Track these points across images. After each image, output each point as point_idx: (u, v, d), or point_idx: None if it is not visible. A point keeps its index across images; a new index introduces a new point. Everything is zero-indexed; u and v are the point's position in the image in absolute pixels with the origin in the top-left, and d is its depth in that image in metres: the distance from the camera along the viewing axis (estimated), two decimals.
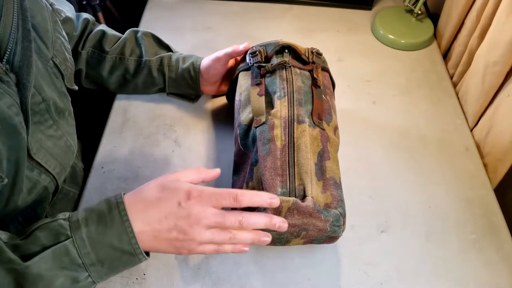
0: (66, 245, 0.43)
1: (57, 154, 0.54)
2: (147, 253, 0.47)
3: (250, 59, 0.65)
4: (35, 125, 0.49)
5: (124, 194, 0.47)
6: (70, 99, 0.59)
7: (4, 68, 0.44)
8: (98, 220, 0.44)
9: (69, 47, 0.62)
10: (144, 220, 0.45)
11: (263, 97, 0.59)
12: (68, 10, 0.67)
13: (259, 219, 0.47)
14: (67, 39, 0.61)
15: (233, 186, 0.59)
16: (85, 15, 0.73)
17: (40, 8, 0.54)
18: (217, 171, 0.51)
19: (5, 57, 0.45)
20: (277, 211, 0.49)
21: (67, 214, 0.45)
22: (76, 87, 0.62)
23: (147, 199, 0.46)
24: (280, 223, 0.48)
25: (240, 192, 0.46)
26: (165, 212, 0.45)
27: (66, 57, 0.59)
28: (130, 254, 0.45)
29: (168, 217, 0.45)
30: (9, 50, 0.45)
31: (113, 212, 0.45)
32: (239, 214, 0.47)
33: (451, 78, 0.85)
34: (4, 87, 0.44)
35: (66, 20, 0.66)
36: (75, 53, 0.70)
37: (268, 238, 0.49)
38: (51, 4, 0.58)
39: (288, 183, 0.51)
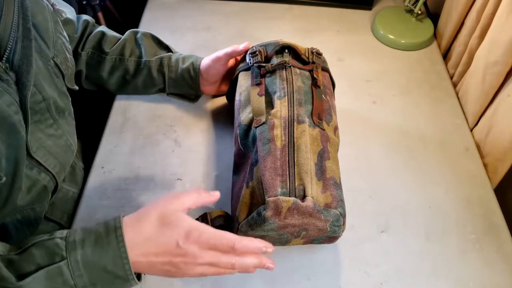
0: (61, 266, 0.43)
1: (57, 153, 0.54)
2: (139, 277, 0.47)
3: (250, 59, 0.65)
4: (35, 124, 0.50)
5: (123, 216, 0.47)
6: (70, 98, 0.59)
7: (3, 66, 0.45)
8: (95, 243, 0.44)
9: (70, 48, 0.62)
10: (141, 252, 0.46)
11: (263, 97, 0.59)
12: (69, 12, 0.68)
13: (251, 261, 0.48)
14: (68, 39, 0.61)
15: (233, 186, 0.59)
16: (85, 16, 0.73)
17: (41, 8, 0.54)
18: (216, 196, 0.51)
19: (5, 56, 0.45)
20: (277, 211, 0.49)
21: (64, 233, 0.45)
22: (77, 87, 0.62)
23: (146, 232, 0.46)
24: (269, 264, 0.49)
25: (238, 241, 0.47)
26: (162, 249, 0.46)
27: (67, 57, 0.59)
28: (123, 279, 0.45)
29: (165, 254, 0.46)
30: (9, 48, 0.45)
31: (111, 236, 0.45)
32: (232, 257, 0.47)
33: (451, 78, 0.85)
34: (3, 86, 0.44)
35: (67, 22, 0.67)
36: (75, 55, 0.70)
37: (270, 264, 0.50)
38: (52, 5, 0.58)
39: (288, 183, 0.51)
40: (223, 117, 0.75)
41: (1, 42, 0.45)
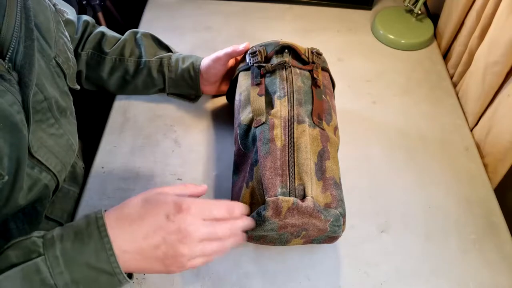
0: (37, 263, 0.39)
1: (58, 153, 0.54)
2: (130, 276, 0.44)
3: (250, 59, 0.65)
4: (36, 124, 0.50)
5: (105, 210, 0.44)
6: (72, 98, 0.59)
7: (6, 66, 0.45)
8: (74, 236, 0.41)
9: (71, 47, 0.62)
10: (127, 238, 0.42)
11: (263, 97, 0.59)
12: (70, 13, 0.68)
13: (245, 223, 0.48)
14: (69, 39, 0.61)
15: (233, 186, 0.59)
16: (85, 17, 0.73)
17: (43, 8, 0.54)
18: (204, 188, 0.49)
19: (8, 56, 0.45)
20: (277, 211, 0.49)
21: (42, 232, 0.43)
22: (78, 87, 0.62)
23: (130, 215, 0.43)
24: (252, 223, 0.50)
25: (235, 207, 0.47)
26: (152, 226, 0.42)
27: (69, 57, 0.59)
28: (109, 274, 0.41)
29: (156, 232, 0.42)
30: (11, 48, 0.46)
31: (91, 227, 0.42)
32: (227, 222, 0.46)
33: (451, 78, 0.85)
34: (6, 85, 0.44)
35: (68, 23, 0.67)
36: (75, 55, 0.71)
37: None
38: (54, 5, 0.58)
39: (288, 183, 0.51)
40: (223, 117, 0.75)
41: (4, 42, 0.45)
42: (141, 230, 0.42)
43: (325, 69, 0.66)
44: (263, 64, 0.62)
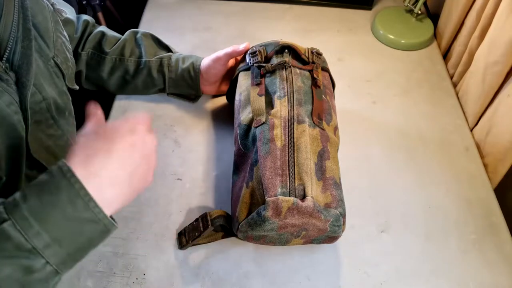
0: (4, 229, 0.34)
1: (58, 153, 0.54)
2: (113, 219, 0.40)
3: (250, 59, 0.65)
4: (35, 124, 0.50)
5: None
6: (70, 98, 0.59)
7: (3, 66, 0.45)
8: (39, 192, 0.36)
9: (70, 47, 0.62)
10: (99, 167, 0.38)
11: (263, 97, 0.59)
12: (69, 12, 0.68)
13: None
14: (68, 39, 0.61)
15: (233, 186, 0.59)
16: (85, 16, 0.73)
17: (41, 7, 0.54)
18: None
19: (5, 56, 0.45)
20: (277, 211, 0.49)
21: (0, 200, 0.37)
22: (77, 87, 0.62)
23: (90, 147, 0.39)
24: None
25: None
26: (122, 146, 0.41)
27: (67, 57, 0.59)
28: (92, 222, 0.37)
29: (130, 149, 0.41)
30: (9, 48, 0.45)
31: (57, 177, 0.36)
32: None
33: (451, 78, 0.85)
34: (3, 86, 0.44)
35: (67, 22, 0.67)
36: (75, 55, 0.71)
37: None
38: (52, 4, 0.58)
39: (288, 183, 0.51)
40: (223, 117, 0.75)
41: (1, 42, 0.45)
42: (114, 152, 0.40)
43: (325, 69, 0.66)
44: (263, 64, 0.62)
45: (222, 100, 0.78)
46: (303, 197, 0.50)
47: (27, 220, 0.35)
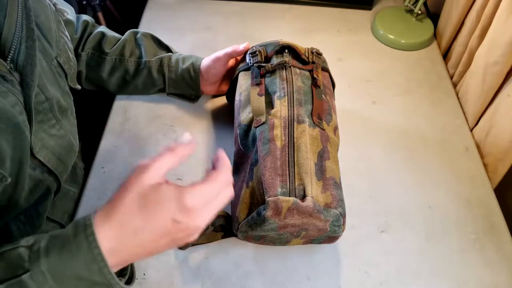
0: (23, 280, 0.36)
1: (60, 153, 0.54)
2: (130, 280, 0.42)
3: (250, 59, 0.65)
4: (38, 124, 0.50)
5: (96, 212, 0.39)
6: (72, 98, 0.59)
7: (8, 67, 0.45)
8: (61, 248, 0.37)
9: (72, 47, 0.62)
10: (133, 245, 0.38)
11: (263, 97, 0.59)
12: (69, 13, 0.68)
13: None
14: (69, 39, 0.61)
15: (233, 186, 0.58)
16: (84, 17, 0.73)
17: (44, 7, 0.54)
18: (189, 141, 0.43)
19: (10, 56, 0.45)
20: (277, 211, 0.49)
21: (30, 240, 0.38)
22: (79, 87, 0.62)
23: (129, 223, 0.38)
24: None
25: (230, 173, 0.42)
26: (158, 233, 0.39)
27: (70, 57, 0.59)
28: (103, 285, 0.38)
29: (164, 237, 0.39)
30: (13, 49, 0.45)
31: (80, 236, 0.37)
32: (227, 191, 0.43)
33: (451, 78, 0.85)
34: (8, 86, 0.44)
35: (68, 23, 0.67)
36: (75, 55, 0.70)
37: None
38: (54, 4, 0.58)
39: (288, 183, 0.51)
40: (223, 117, 0.75)
41: (6, 43, 0.45)
42: (146, 236, 0.38)
43: (325, 69, 0.66)
44: (263, 64, 0.62)
45: (222, 100, 0.78)
46: (303, 197, 0.50)
47: (44, 275, 0.36)
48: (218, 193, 0.41)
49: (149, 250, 0.40)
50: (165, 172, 0.41)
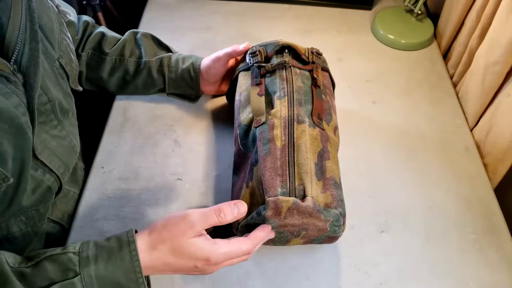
0: (74, 282, 0.43)
1: (61, 154, 0.54)
2: (149, 285, 0.49)
3: (250, 59, 0.65)
4: (40, 125, 0.50)
5: (135, 231, 0.48)
6: (74, 99, 0.59)
7: (11, 68, 0.45)
8: (108, 258, 0.45)
9: (74, 49, 0.62)
10: (159, 270, 0.48)
11: (263, 97, 0.59)
12: (71, 14, 0.68)
13: (259, 246, 0.51)
14: (71, 40, 0.61)
15: (233, 186, 0.59)
16: (85, 17, 0.73)
17: (47, 9, 0.54)
18: (241, 211, 0.50)
19: (13, 58, 0.45)
20: (277, 211, 0.49)
21: (77, 247, 0.46)
22: (81, 88, 0.63)
23: (162, 259, 0.47)
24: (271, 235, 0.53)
25: (252, 247, 0.49)
26: (181, 270, 0.48)
27: (72, 58, 0.59)
28: None
29: (182, 271, 0.49)
30: (17, 50, 0.46)
31: (124, 250, 0.45)
32: (246, 256, 0.51)
33: (451, 78, 0.85)
34: (11, 87, 0.44)
35: (70, 24, 0.67)
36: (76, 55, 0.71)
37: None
38: (57, 6, 0.58)
39: (288, 183, 0.51)
40: (223, 117, 0.75)
41: (9, 44, 0.45)
42: (171, 268, 0.48)
43: (325, 69, 0.66)
44: (263, 64, 0.62)
45: (222, 100, 0.78)
46: (303, 197, 0.50)
47: (91, 279, 0.44)
48: (237, 257, 0.49)
49: (168, 273, 0.49)
50: (202, 230, 0.48)
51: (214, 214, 0.48)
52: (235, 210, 0.49)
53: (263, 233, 0.50)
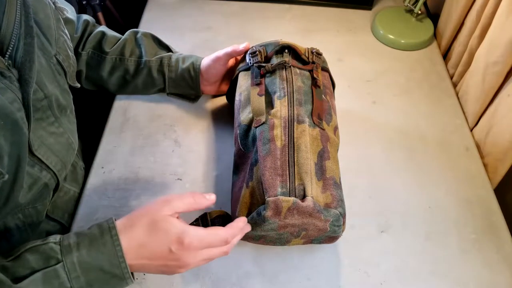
0: (57, 269, 0.43)
1: (58, 151, 0.54)
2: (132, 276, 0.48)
3: (250, 59, 0.65)
4: (37, 122, 0.50)
5: (115, 219, 0.47)
6: (72, 96, 0.59)
7: (6, 63, 0.45)
8: (89, 244, 0.45)
9: (71, 45, 0.62)
10: (134, 256, 0.46)
11: (263, 97, 0.59)
12: (69, 12, 0.68)
13: (238, 238, 0.51)
14: (69, 37, 0.61)
15: (233, 186, 0.59)
16: (85, 16, 0.73)
17: (43, 5, 0.54)
18: (212, 200, 0.50)
19: (8, 53, 0.45)
20: (277, 211, 0.49)
21: (57, 238, 0.46)
22: (78, 85, 0.62)
23: (138, 238, 0.46)
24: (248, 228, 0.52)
25: (230, 235, 0.49)
26: (156, 255, 0.47)
27: (69, 55, 0.59)
28: (119, 278, 0.46)
29: (159, 259, 0.47)
30: (11, 45, 0.46)
31: (105, 237, 0.45)
32: (223, 247, 0.50)
33: (451, 78, 0.85)
34: (6, 83, 0.44)
35: (68, 22, 0.67)
36: (75, 55, 0.70)
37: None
38: (54, 2, 0.58)
39: (288, 183, 0.51)
40: (223, 117, 0.75)
41: (4, 39, 0.45)
42: (146, 254, 0.46)
43: (325, 69, 0.66)
44: (263, 64, 0.62)
45: (222, 100, 0.78)
46: (303, 197, 0.50)
47: (74, 266, 0.44)
48: (214, 245, 0.48)
49: (146, 267, 0.48)
50: (181, 211, 0.48)
51: (190, 194, 0.49)
52: (209, 196, 0.50)
53: (240, 223, 0.50)
